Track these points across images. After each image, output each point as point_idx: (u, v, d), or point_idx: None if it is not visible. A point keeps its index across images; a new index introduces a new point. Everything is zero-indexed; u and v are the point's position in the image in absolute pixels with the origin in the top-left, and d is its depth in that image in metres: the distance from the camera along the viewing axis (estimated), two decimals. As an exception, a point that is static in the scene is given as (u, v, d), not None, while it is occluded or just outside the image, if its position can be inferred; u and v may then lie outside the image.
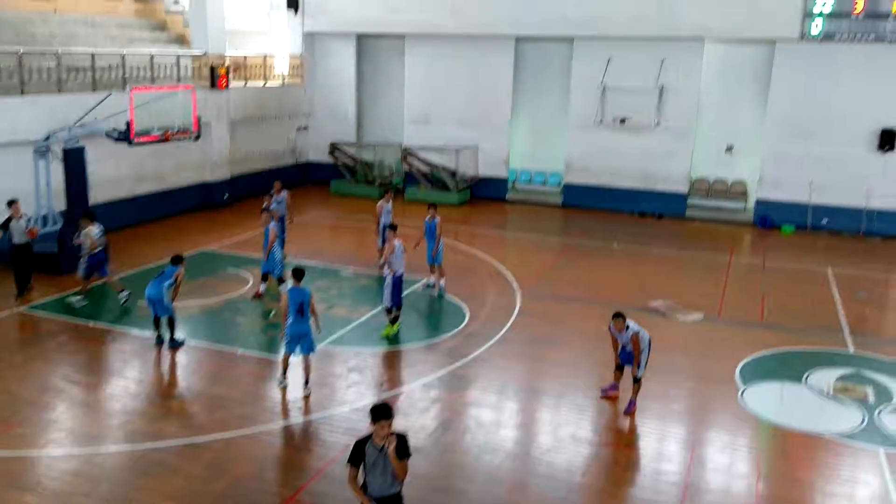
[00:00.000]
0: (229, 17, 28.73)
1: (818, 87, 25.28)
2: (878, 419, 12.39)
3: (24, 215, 17.01)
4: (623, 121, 27.42)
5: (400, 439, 7.37)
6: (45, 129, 19.12)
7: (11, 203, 16.70)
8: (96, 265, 16.59)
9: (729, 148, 27.89)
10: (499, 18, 28.12)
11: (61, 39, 24.25)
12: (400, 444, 7.36)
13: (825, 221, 25.85)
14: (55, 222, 19.37)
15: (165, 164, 24.97)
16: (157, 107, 18.77)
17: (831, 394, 13.34)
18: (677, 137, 27.21)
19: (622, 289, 18.75)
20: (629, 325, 12.18)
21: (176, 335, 14.55)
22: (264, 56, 30.56)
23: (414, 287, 18.07)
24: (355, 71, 32.01)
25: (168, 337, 14.49)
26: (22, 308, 16.36)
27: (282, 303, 12.68)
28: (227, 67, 26.78)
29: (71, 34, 25.33)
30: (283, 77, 31.31)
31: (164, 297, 14.21)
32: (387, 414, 7.31)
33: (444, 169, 29.30)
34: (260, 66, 30.13)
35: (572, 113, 28.37)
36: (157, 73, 24.47)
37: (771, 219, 26.24)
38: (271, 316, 16.19)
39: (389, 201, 19.66)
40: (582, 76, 27.93)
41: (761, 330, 16.42)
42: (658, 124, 27.20)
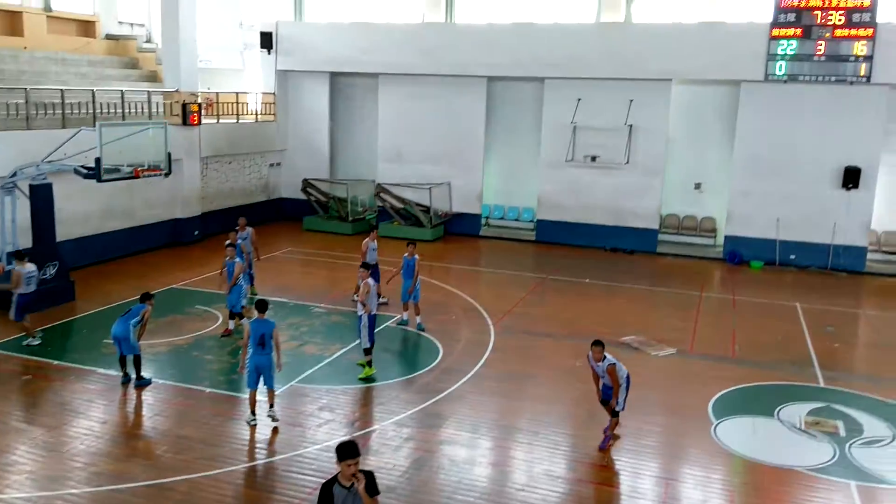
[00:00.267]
0: (203, 54, 28.79)
1: (783, 126, 25.69)
2: (850, 453, 12.41)
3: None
4: (594, 158, 27.63)
5: (369, 476, 7.28)
6: (12, 166, 18.91)
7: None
8: (25, 305, 16.10)
9: (697, 185, 28.21)
10: (470, 59, 28.44)
11: (31, 76, 24.14)
12: (370, 482, 7.25)
13: (793, 257, 26.14)
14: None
15: (135, 200, 24.74)
16: (127, 143, 18.61)
17: (803, 428, 13.36)
18: (647, 175, 27.45)
19: (595, 324, 18.75)
20: (606, 356, 12.18)
21: (142, 374, 14.33)
22: (236, 94, 30.56)
23: (387, 323, 18.00)
24: (328, 108, 32.10)
25: (134, 376, 14.26)
26: (-16, 347, 16.05)
27: (244, 334, 12.68)
28: (199, 104, 26.74)
29: (41, 71, 25.23)
30: (257, 114, 31.30)
31: (131, 336, 14.00)
32: (353, 452, 7.16)
33: (418, 205, 29.33)
34: (233, 103, 30.12)
35: (544, 150, 28.56)
36: (128, 110, 24.36)
37: (740, 254, 26.46)
38: None
39: (374, 239, 19.54)
40: (553, 115, 28.17)
41: (733, 365, 16.47)
42: (628, 162, 27.43)
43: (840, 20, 24.13)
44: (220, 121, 29.20)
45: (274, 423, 12.75)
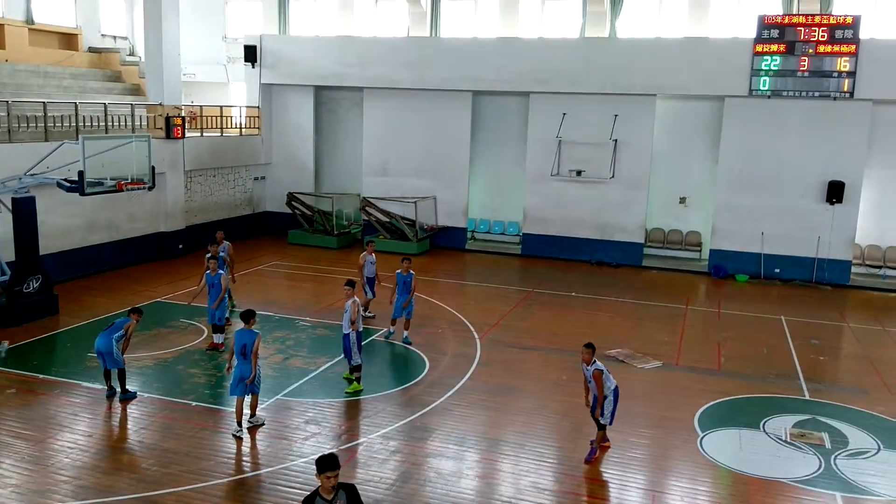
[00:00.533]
0: (186, 68, 28.75)
1: (767, 141, 25.82)
2: (835, 465, 12.45)
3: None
4: (579, 173, 27.70)
5: (350, 489, 7.25)
6: (-6, 179, 18.82)
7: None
8: None
9: (682, 199, 28.34)
10: (455, 74, 28.51)
11: (13, 89, 24.03)
12: (353, 495, 7.25)
13: (778, 271, 26.25)
14: (4, 273, 18.95)
15: (119, 213, 24.60)
16: (110, 156, 18.51)
17: (788, 440, 13.39)
18: (632, 189, 27.53)
19: (580, 337, 18.44)
20: (596, 362, 12.20)
21: (127, 387, 14.23)
22: (221, 107, 30.50)
23: (373, 337, 17.94)
24: (313, 121, 32.08)
25: (119, 389, 14.16)
26: (-33, 361, 15.89)
27: (230, 344, 12.79)
28: (183, 118, 26.65)
29: (23, 84, 25.14)
30: (241, 127, 31.25)
31: (114, 350, 13.89)
32: (333, 465, 7.14)
33: (404, 219, 29.30)
34: (217, 116, 30.06)
35: (529, 164, 28.60)
36: (111, 123, 24.26)
37: (725, 268, 26.55)
38: None
39: (372, 253, 19.45)
40: (538, 129, 28.23)
41: (719, 377, 16.49)
42: (613, 176, 27.50)
43: (823, 36, 24.29)
44: (204, 134, 29.09)
45: (251, 426, 12.95)
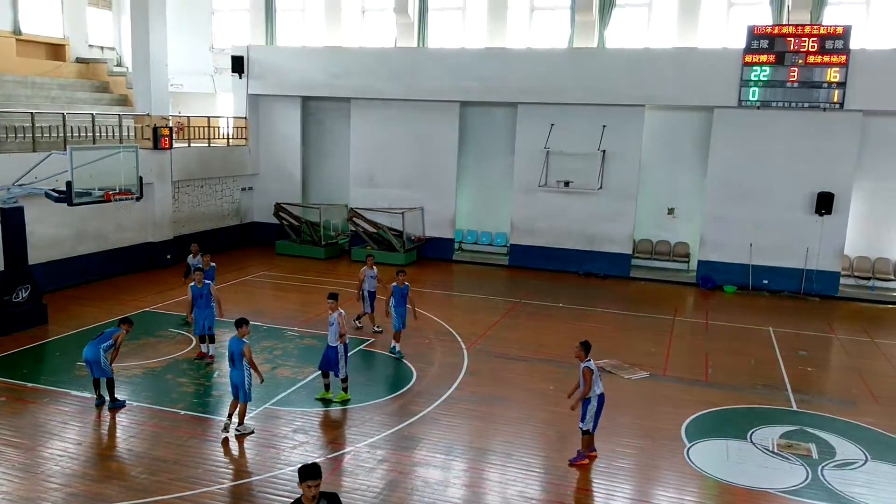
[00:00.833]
0: (173, 78, 28.73)
1: (756, 152, 25.86)
2: (822, 475, 12.48)
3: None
4: (567, 184, 27.76)
5: (332, 498, 7.27)
6: (-18, 189, 18.77)
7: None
8: None
9: (671, 210, 28.40)
10: (442, 84, 28.54)
11: (0, 100, 23.99)
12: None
13: (766, 282, 26.31)
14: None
15: (107, 224, 24.58)
16: (98, 167, 18.51)
17: (776, 450, 13.41)
18: (620, 200, 27.56)
19: (568, 348, 18.55)
20: (590, 360, 12.38)
21: (117, 396, 14.27)
22: (208, 118, 30.48)
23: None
24: (300, 132, 32.08)
25: (108, 398, 14.16)
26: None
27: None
28: (170, 128, 26.63)
29: (10, 94, 25.10)
30: (228, 138, 31.23)
31: (101, 359, 13.92)
32: (314, 474, 7.18)
33: (391, 229, 29.31)
34: (204, 127, 30.04)
35: (517, 175, 28.63)
36: (98, 134, 24.22)
37: (713, 279, 26.62)
38: None
39: (373, 267, 19.43)
40: (526, 140, 28.27)
41: (706, 388, 16.53)
42: (601, 187, 27.54)
43: (813, 47, 24.24)
44: (192, 145, 29.06)
45: (239, 434, 13.10)
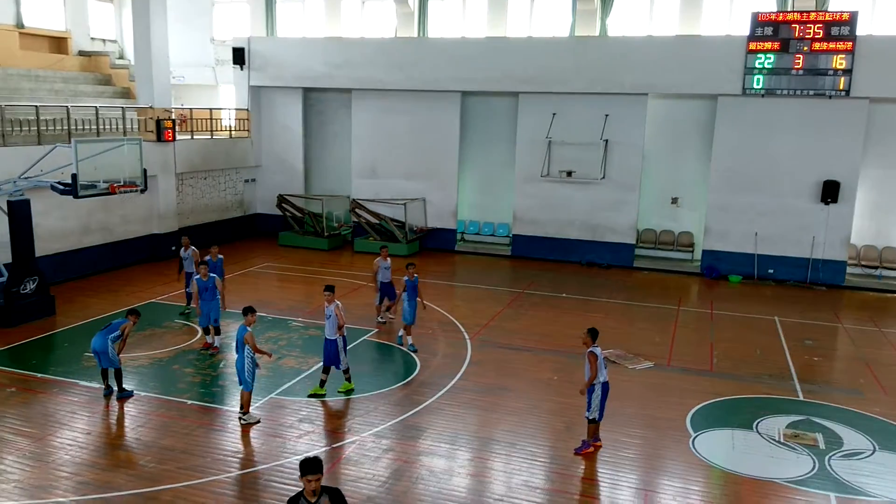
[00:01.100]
0: (175, 71, 28.72)
1: (761, 140, 25.75)
2: (829, 465, 12.48)
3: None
4: (569, 173, 27.73)
5: (335, 493, 7.32)
6: (-11, 182, 18.85)
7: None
8: None
9: (674, 200, 28.32)
10: (443, 74, 28.52)
11: (4, 93, 24.03)
12: (337, 499, 7.34)
13: (771, 271, 26.25)
14: (1, 275, 19.06)
15: (112, 216, 24.68)
16: (102, 159, 18.57)
17: (782, 440, 13.41)
18: (623, 189, 27.53)
19: (571, 338, 18.67)
20: (597, 346, 12.42)
21: (124, 386, 14.42)
22: (210, 110, 30.49)
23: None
24: (302, 123, 32.09)
25: (116, 388, 14.30)
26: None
27: None
28: (173, 121, 26.66)
29: (14, 88, 25.12)
30: (231, 130, 31.23)
31: (109, 350, 14.04)
32: (314, 468, 7.21)
33: (393, 220, 29.32)
34: (207, 119, 30.04)
35: (519, 165, 28.62)
36: (102, 127, 24.25)
37: (718, 269, 26.58)
38: None
39: (387, 258, 19.35)
40: (528, 130, 28.24)
41: (711, 378, 16.53)
42: (604, 177, 27.51)
43: (819, 33, 24.03)
44: (195, 137, 29.10)
45: (245, 423, 13.29)
